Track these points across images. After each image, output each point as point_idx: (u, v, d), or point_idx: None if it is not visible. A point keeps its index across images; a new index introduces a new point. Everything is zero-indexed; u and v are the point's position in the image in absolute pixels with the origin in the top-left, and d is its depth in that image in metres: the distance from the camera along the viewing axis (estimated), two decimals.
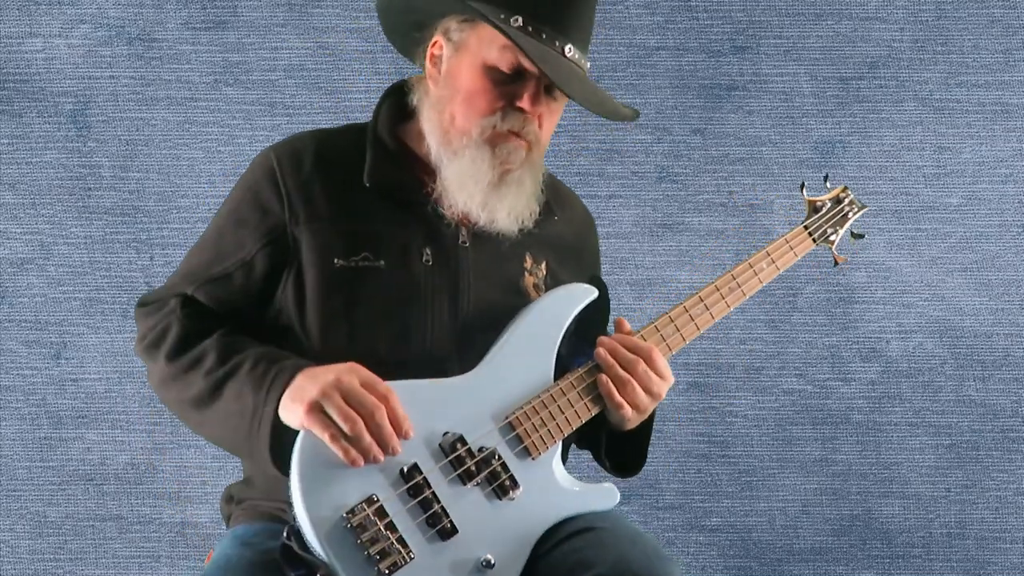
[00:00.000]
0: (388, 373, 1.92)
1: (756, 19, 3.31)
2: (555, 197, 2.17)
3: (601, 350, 2.04)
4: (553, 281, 2.14)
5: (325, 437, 1.83)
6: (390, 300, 2.00)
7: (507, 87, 1.99)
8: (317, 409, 1.84)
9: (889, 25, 3.32)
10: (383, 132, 2.08)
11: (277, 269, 2.02)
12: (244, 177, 2.08)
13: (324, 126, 2.25)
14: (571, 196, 2.26)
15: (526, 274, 2.11)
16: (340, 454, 1.83)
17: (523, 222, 2.07)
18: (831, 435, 3.36)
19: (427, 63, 2.05)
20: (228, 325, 2.02)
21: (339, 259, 2.00)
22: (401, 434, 1.86)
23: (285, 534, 1.84)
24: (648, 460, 2.20)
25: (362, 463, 1.84)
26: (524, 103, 1.99)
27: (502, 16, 1.96)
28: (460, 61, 2.01)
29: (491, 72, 1.99)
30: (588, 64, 2.05)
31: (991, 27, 3.31)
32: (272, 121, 3.26)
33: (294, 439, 1.87)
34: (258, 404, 1.91)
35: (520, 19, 1.96)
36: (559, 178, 2.28)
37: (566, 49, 2.00)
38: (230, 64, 3.26)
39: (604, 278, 2.67)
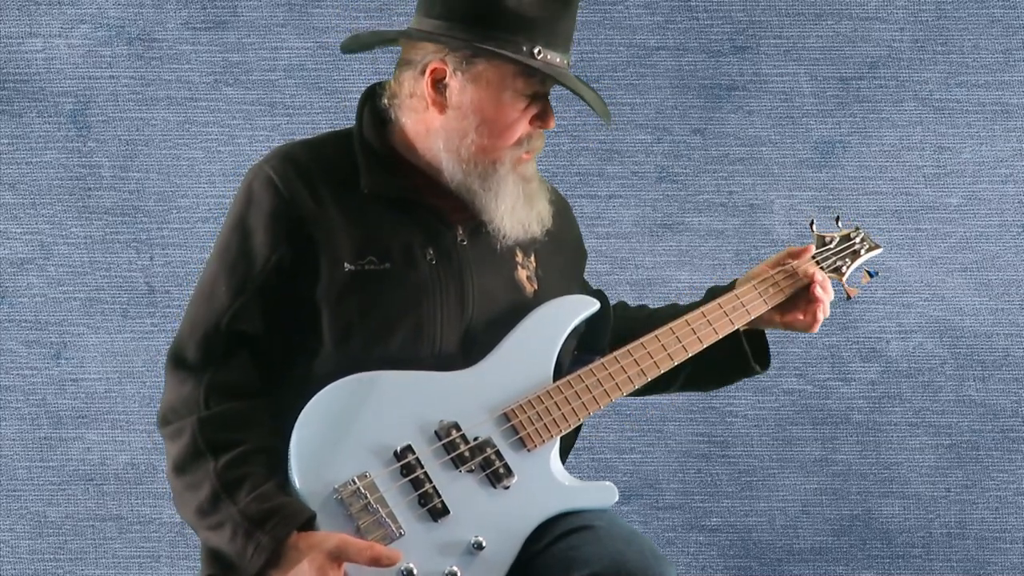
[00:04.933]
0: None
1: (756, 19, 3.32)
2: None
3: (817, 288, 2.24)
4: (543, 272, 2.15)
5: None
6: (402, 302, 2.01)
7: (532, 112, 2.05)
8: None
9: (889, 25, 3.32)
10: (371, 138, 2.08)
11: (298, 265, 2.01)
12: (240, 194, 2.06)
13: (324, 126, 2.25)
14: (545, 184, 2.27)
15: (519, 267, 2.12)
16: None
17: (545, 223, 2.11)
18: (831, 435, 3.36)
19: (426, 88, 2.04)
20: (250, 405, 2.00)
21: (348, 263, 2.00)
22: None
23: None
24: (648, 460, 2.23)
25: None
26: (550, 124, 2.07)
27: (524, 49, 2.00)
28: (481, 93, 2.02)
29: (520, 102, 2.03)
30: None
31: (991, 27, 3.31)
32: (272, 121, 3.26)
33: None
34: (241, 564, 1.92)
35: (539, 48, 2.00)
36: (559, 177, 2.29)
37: (568, 63, 2.06)
38: (230, 64, 3.26)
39: (604, 278, 2.67)
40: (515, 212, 2.06)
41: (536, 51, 2.00)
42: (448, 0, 2.01)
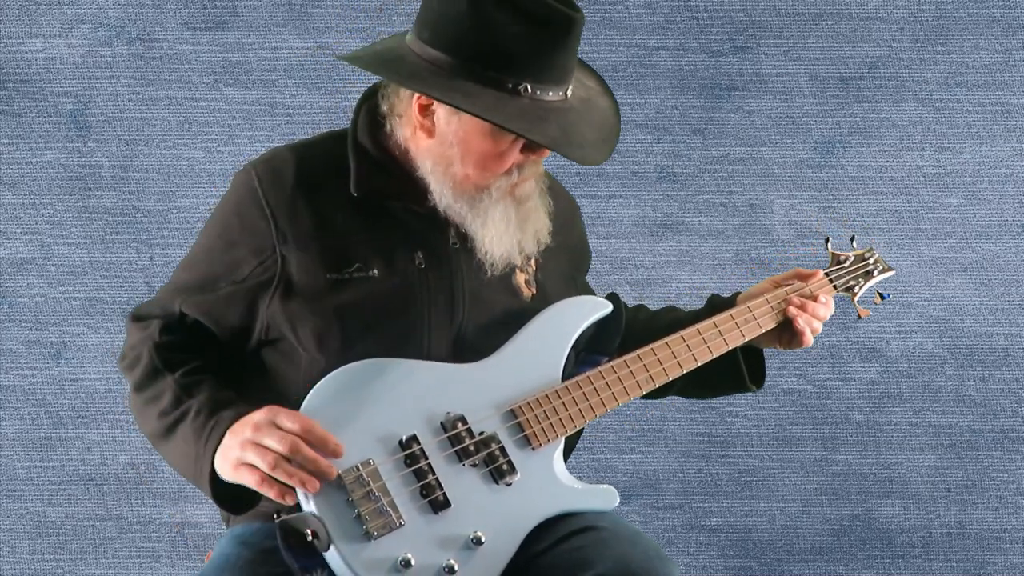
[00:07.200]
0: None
1: (756, 19, 3.32)
2: None
3: (792, 309, 2.23)
4: (543, 275, 2.14)
5: (255, 485, 1.86)
6: (384, 308, 2.00)
7: (523, 142, 1.97)
8: (242, 463, 1.88)
9: (889, 25, 3.32)
10: (364, 140, 2.05)
11: (266, 286, 2.01)
12: (228, 197, 2.06)
13: (324, 126, 2.24)
14: (554, 187, 2.22)
15: (517, 271, 2.10)
16: (273, 495, 1.86)
17: (542, 240, 2.07)
18: (831, 435, 3.36)
19: (414, 112, 2.00)
20: (201, 357, 2.04)
21: (331, 272, 2.00)
22: (329, 453, 1.87)
23: (277, 517, 1.88)
24: (648, 460, 2.22)
25: (294, 499, 1.87)
26: (545, 153, 2.00)
27: (510, 85, 1.92)
28: (466, 125, 1.96)
29: (504, 133, 1.95)
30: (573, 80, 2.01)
31: (991, 27, 3.31)
32: (272, 121, 3.26)
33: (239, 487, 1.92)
34: (199, 454, 1.94)
35: (527, 84, 1.93)
36: (560, 177, 2.28)
37: (568, 93, 1.98)
38: (230, 64, 3.26)
39: (604, 278, 2.67)
40: (503, 239, 2.01)
41: (523, 88, 1.92)
42: (437, 28, 1.94)
